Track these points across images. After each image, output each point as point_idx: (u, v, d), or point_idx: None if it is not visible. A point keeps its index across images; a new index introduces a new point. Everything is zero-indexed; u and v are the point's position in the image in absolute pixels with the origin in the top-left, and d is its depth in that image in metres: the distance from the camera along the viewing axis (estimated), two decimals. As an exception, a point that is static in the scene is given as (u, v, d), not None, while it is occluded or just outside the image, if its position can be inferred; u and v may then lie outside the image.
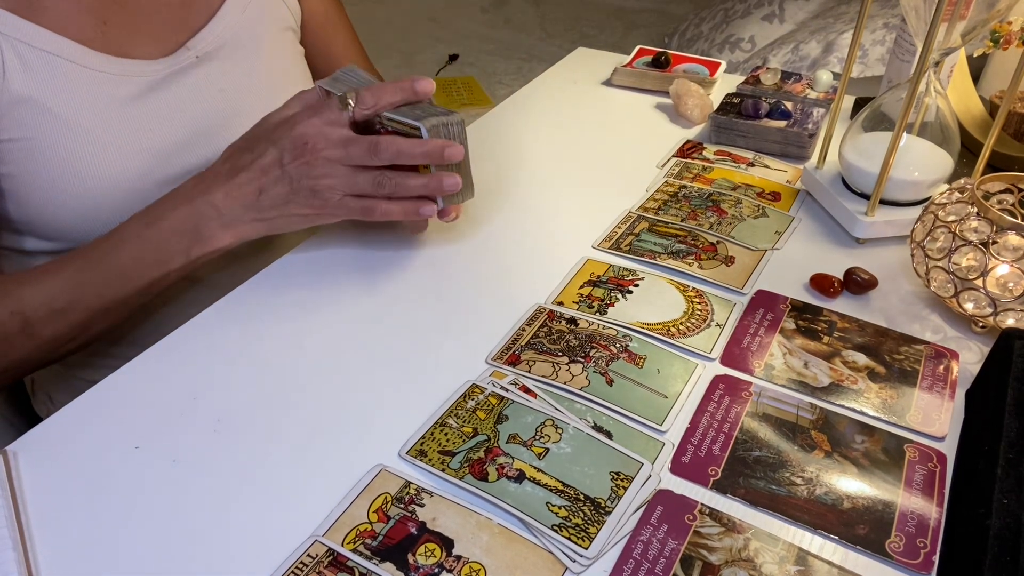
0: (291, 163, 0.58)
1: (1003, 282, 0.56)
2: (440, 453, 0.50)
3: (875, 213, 0.69)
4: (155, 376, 0.56)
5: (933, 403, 0.54)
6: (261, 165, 0.59)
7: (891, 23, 1.85)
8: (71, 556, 0.44)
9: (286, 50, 0.79)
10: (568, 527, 0.45)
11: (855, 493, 0.48)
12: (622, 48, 1.12)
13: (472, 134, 0.91)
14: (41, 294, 0.60)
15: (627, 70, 1.02)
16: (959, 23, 0.63)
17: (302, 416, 0.53)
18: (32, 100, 0.61)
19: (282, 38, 0.79)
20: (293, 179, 0.58)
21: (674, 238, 0.71)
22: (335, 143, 0.57)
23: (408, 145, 0.58)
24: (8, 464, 0.49)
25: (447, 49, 2.97)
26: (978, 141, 0.82)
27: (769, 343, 0.59)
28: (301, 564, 0.43)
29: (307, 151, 0.57)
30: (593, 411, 0.53)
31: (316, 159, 0.57)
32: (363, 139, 0.58)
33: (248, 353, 0.58)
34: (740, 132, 0.86)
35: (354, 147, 0.57)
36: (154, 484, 0.48)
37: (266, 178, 0.59)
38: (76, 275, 0.60)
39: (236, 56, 0.73)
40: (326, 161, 0.57)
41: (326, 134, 0.57)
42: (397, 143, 0.57)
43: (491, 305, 0.63)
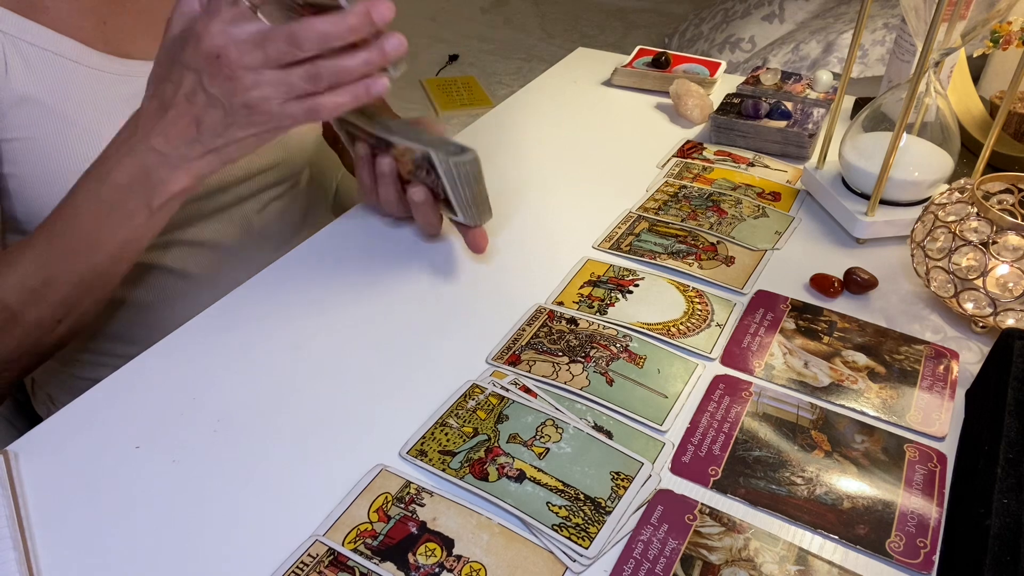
0: (212, 83, 0.51)
1: (1003, 282, 0.56)
2: (440, 453, 0.50)
3: (875, 213, 0.69)
4: (155, 376, 0.56)
5: (933, 403, 0.54)
6: (184, 93, 0.52)
7: (891, 23, 1.85)
8: (71, 556, 0.44)
9: None
10: (568, 527, 0.45)
11: (855, 493, 0.48)
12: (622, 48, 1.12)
13: (472, 134, 0.91)
14: (13, 277, 0.58)
15: (627, 70, 1.02)
16: (959, 23, 0.63)
17: (302, 416, 0.53)
18: (34, 99, 0.61)
19: None
20: (223, 101, 0.51)
21: (674, 238, 0.71)
22: (248, 45, 0.49)
23: (330, 23, 0.49)
24: (8, 464, 0.49)
25: (447, 49, 2.97)
26: (978, 141, 0.82)
27: (769, 343, 0.59)
28: (301, 564, 0.43)
29: (223, 64, 0.50)
30: (593, 411, 0.53)
31: (235, 71, 0.50)
32: (278, 30, 0.49)
33: (248, 353, 0.58)
34: (740, 132, 0.86)
35: (271, 43, 0.49)
36: (154, 484, 0.48)
37: (195, 107, 0.52)
38: (43, 251, 0.58)
39: None
40: (247, 70, 0.50)
41: (234, 37, 0.49)
42: (316, 25, 0.49)
43: (491, 305, 0.63)
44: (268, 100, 0.51)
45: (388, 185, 0.65)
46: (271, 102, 0.51)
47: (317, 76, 0.50)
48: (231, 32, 0.49)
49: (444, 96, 2.61)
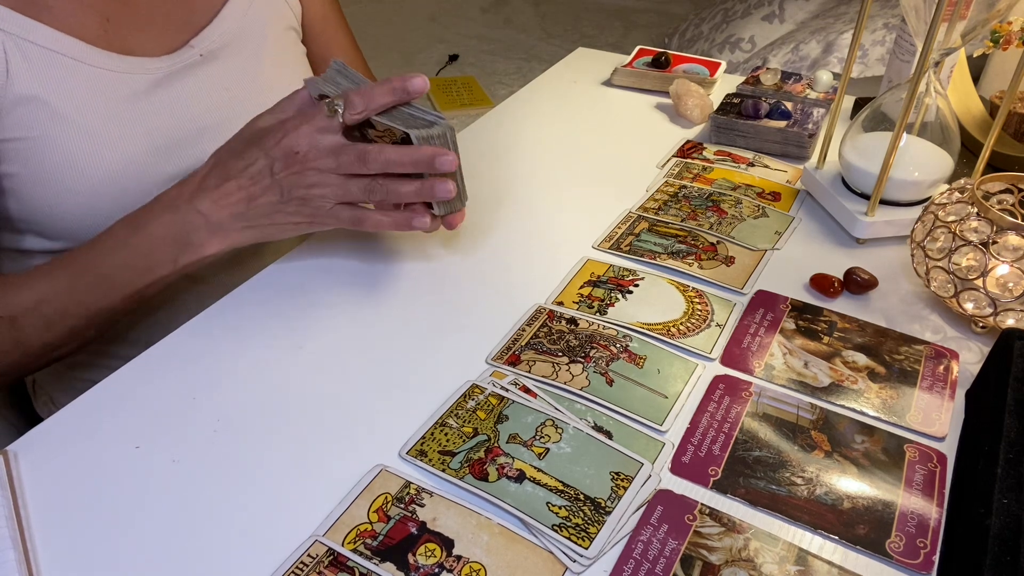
0: (281, 172, 0.57)
1: (1003, 282, 0.56)
2: (440, 453, 0.50)
3: (875, 213, 0.69)
4: (155, 376, 0.56)
5: (933, 403, 0.54)
6: (251, 174, 0.58)
7: (891, 23, 1.85)
8: (71, 556, 0.44)
9: (289, 49, 0.79)
10: (568, 527, 0.45)
11: (855, 493, 0.48)
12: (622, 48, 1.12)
13: (472, 134, 0.91)
14: (28, 301, 0.60)
15: (627, 70, 1.02)
16: (959, 23, 0.63)
17: (302, 416, 0.53)
18: (36, 98, 0.61)
19: (285, 37, 0.79)
20: (283, 188, 0.57)
21: (674, 238, 0.71)
22: (326, 152, 0.56)
23: (398, 154, 0.56)
24: (8, 464, 0.49)
25: (447, 49, 2.97)
26: (978, 141, 0.82)
27: (769, 343, 0.59)
28: (301, 564, 0.43)
29: (297, 161, 0.56)
30: (593, 411, 0.53)
31: (307, 169, 0.57)
32: (353, 147, 0.57)
33: (248, 353, 0.58)
34: (740, 132, 0.86)
35: (344, 156, 0.56)
36: (154, 484, 0.48)
37: (256, 187, 0.58)
38: (64, 283, 0.60)
39: (240, 55, 0.73)
40: (317, 171, 0.57)
41: (316, 143, 0.56)
42: (386, 152, 0.56)
43: (491, 305, 0.63)
44: (324, 198, 0.58)
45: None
46: (326, 200, 0.58)
47: (372, 190, 0.57)
48: (316, 138, 0.56)
49: (444, 96, 2.61)
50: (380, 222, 0.59)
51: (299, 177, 0.57)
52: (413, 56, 2.93)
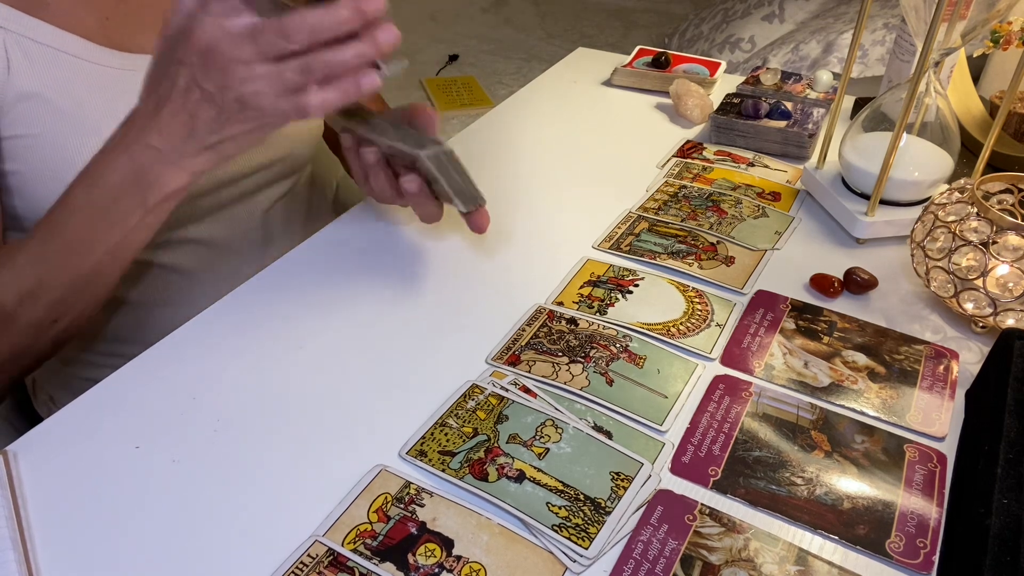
0: (205, 79, 0.50)
1: (1003, 282, 0.56)
2: (440, 453, 0.50)
3: (875, 213, 0.69)
4: (155, 376, 0.56)
5: (933, 403, 0.54)
6: (179, 90, 0.52)
7: (891, 23, 1.85)
8: (71, 556, 0.44)
9: None
10: (568, 527, 0.45)
11: (855, 493, 0.48)
12: (622, 48, 1.12)
13: (472, 134, 0.91)
14: (6, 276, 0.58)
15: (627, 70, 1.02)
16: (959, 23, 0.63)
17: (302, 416, 0.53)
18: (36, 95, 0.61)
19: None
20: (215, 96, 0.51)
21: (674, 238, 0.71)
22: (240, 38, 0.49)
23: (320, 15, 0.48)
24: (8, 464, 0.49)
25: (447, 49, 2.97)
26: (978, 141, 0.82)
27: (769, 343, 0.59)
28: (301, 564, 0.43)
29: (215, 58, 0.49)
30: (593, 411, 0.53)
31: (227, 64, 0.49)
32: (269, 23, 0.49)
33: (248, 353, 0.58)
34: (740, 132, 0.86)
35: (262, 37, 0.48)
36: (154, 484, 0.48)
37: (190, 103, 0.52)
38: (37, 251, 0.58)
39: None
40: (238, 63, 0.49)
41: (226, 29, 0.49)
42: (306, 17, 0.48)
43: (491, 305, 0.63)
44: (260, 94, 0.50)
45: (378, 175, 0.64)
46: (263, 96, 0.50)
47: (308, 69, 0.49)
48: (223, 25, 0.49)
49: (444, 96, 2.61)
50: (326, 100, 0.51)
51: (224, 76, 0.50)
52: (413, 56, 2.93)
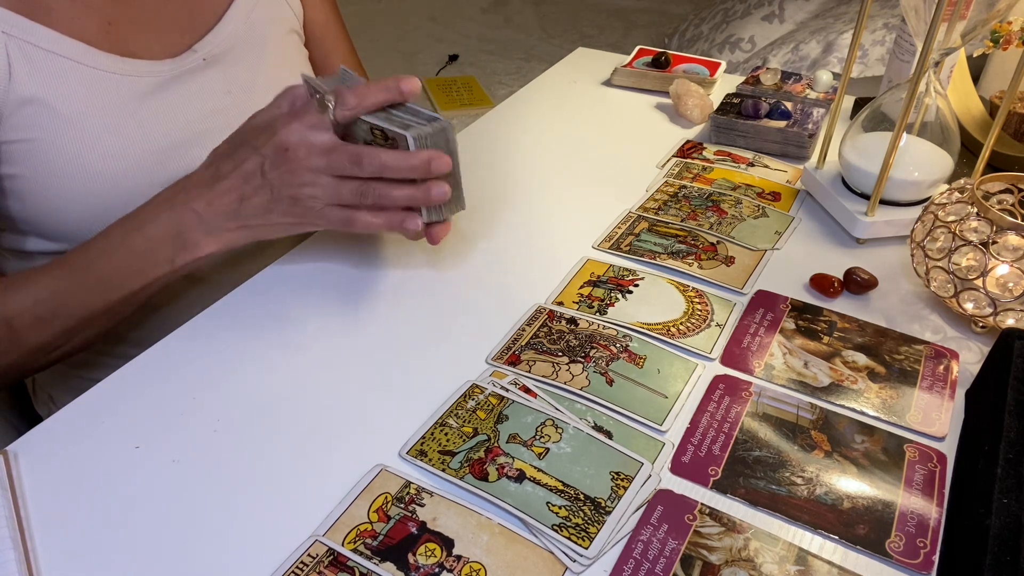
0: (272, 171, 0.56)
1: (1003, 282, 0.56)
2: (440, 453, 0.50)
3: (875, 213, 0.69)
4: (155, 376, 0.56)
5: (933, 403, 0.54)
6: (242, 173, 0.57)
7: (891, 23, 1.85)
8: (71, 556, 0.44)
9: (291, 52, 0.79)
10: (568, 527, 0.45)
11: (855, 493, 0.48)
12: (622, 48, 1.12)
13: (472, 134, 0.91)
14: (26, 301, 0.60)
15: (627, 70, 1.02)
16: (959, 23, 0.63)
17: (302, 416, 0.53)
18: (38, 100, 0.61)
19: (287, 40, 0.79)
20: (274, 187, 0.56)
21: (674, 238, 0.71)
22: (317, 151, 0.55)
23: (393, 158, 0.55)
24: (8, 464, 0.49)
25: (447, 49, 2.97)
26: (978, 141, 0.82)
27: (769, 343, 0.59)
28: (301, 564, 0.43)
29: (288, 159, 0.55)
30: (593, 411, 0.53)
31: (297, 168, 0.55)
32: (346, 148, 0.55)
33: (248, 353, 0.58)
34: (740, 132, 0.86)
35: (336, 156, 0.55)
36: (154, 484, 0.48)
37: (247, 186, 0.57)
38: (60, 283, 0.60)
39: (242, 59, 0.73)
40: (307, 170, 0.55)
41: (307, 141, 0.55)
42: (381, 156, 0.55)
43: (491, 305, 0.63)
44: (314, 199, 0.56)
45: None
46: (316, 200, 0.56)
47: (364, 194, 0.56)
48: (308, 135, 0.55)
49: (444, 96, 2.61)
50: (370, 223, 0.58)
51: (290, 176, 0.56)
52: (413, 56, 2.93)
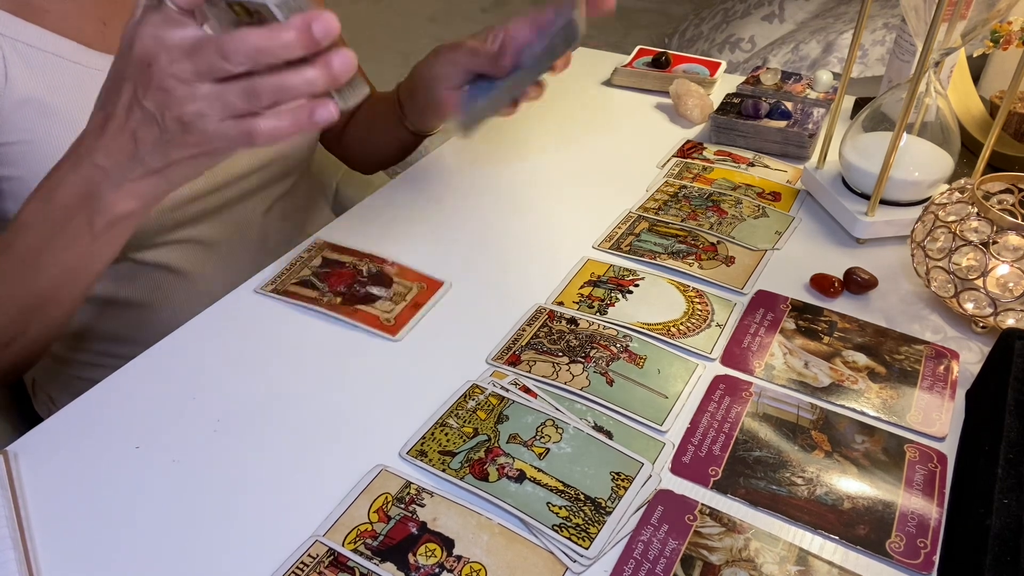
0: (145, 95, 0.46)
1: (1003, 282, 0.56)
2: (440, 453, 0.50)
3: (875, 213, 0.69)
4: (155, 376, 0.56)
5: (933, 403, 0.54)
6: (122, 106, 0.47)
7: (891, 23, 1.85)
8: (71, 556, 0.44)
9: None
10: (568, 527, 0.45)
11: (855, 493, 0.48)
12: (622, 48, 1.12)
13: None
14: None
15: (627, 70, 1.02)
16: (959, 23, 0.63)
17: (302, 416, 0.53)
18: (35, 101, 0.61)
19: None
20: (157, 116, 0.46)
21: (674, 238, 0.71)
22: (177, 53, 0.44)
23: (263, 37, 0.42)
24: (8, 464, 0.49)
25: (447, 49, 2.97)
26: (978, 141, 0.82)
27: (769, 343, 0.59)
28: (302, 564, 0.43)
29: (154, 74, 0.44)
30: (593, 411, 0.53)
31: (165, 81, 0.44)
32: (209, 39, 0.44)
33: (248, 353, 0.58)
34: (740, 132, 0.86)
35: (201, 53, 0.43)
36: (154, 484, 0.48)
37: (132, 121, 0.47)
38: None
39: None
40: (177, 81, 0.44)
41: (163, 41, 0.44)
42: (248, 37, 0.42)
43: (491, 305, 0.63)
44: (203, 117, 0.45)
45: None
46: (206, 119, 0.45)
47: (254, 93, 0.44)
48: (162, 37, 0.44)
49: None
50: (276, 128, 0.46)
51: (164, 94, 0.45)
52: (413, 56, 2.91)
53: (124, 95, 0.47)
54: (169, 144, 0.47)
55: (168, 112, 0.45)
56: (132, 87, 0.46)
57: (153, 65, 0.45)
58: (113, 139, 0.49)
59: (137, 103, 0.47)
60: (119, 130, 0.48)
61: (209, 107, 0.45)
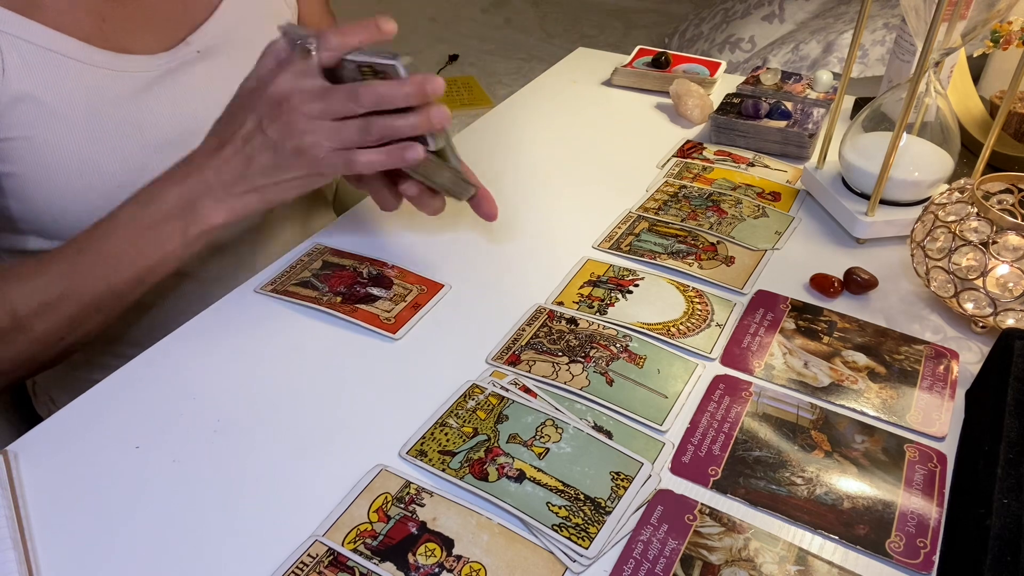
0: (270, 127, 0.55)
1: (1003, 282, 0.56)
2: (440, 453, 0.50)
3: (875, 213, 0.69)
4: (155, 376, 0.56)
5: (933, 403, 0.54)
6: (243, 135, 0.56)
7: (891, 23, 1.85)
8: (71, 556, 0.44)
9: None
10: (568, 527, 0.45)
11: (855, 493, 0.48)
12: (622, 48, 1.12)
13: (472, 134, 0.91)
14: (30, 286, 0.59)
15: (627, 70, 1.02)
16: (959, 23, 0.63)
17: (302, 416, 0.53)
18: (32, 98, 0.61)
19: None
20: (276, 142, 0.55)
21: (674, 238, 0.71)
22: (311, 96, 0.54)
23: (388, 87, 0.54)
24: (8, 464, 0.49)
25: (447, 49, 2.97)
26: (978, 141, 0.82)
27: (769, 343, 0.59)
28: (301, 564, 0.43)
29: (284, 111, 0.54)
30: (593, 411, 0.53)
31: (295, 117, 0.54)
32: (341, 87, 0.54)
33: (248, 353, 0.58)
34: (740, 132, 0.86)
35: (332, 97, 0.54)
36: (154, 484, 0.48)
37: (250, 146, 0.56)
38: (67, 265, 0.59)
39: (237, 51, 0.73)
40: (305, 117, 0.54)
41: (300, 87, 0.54)
42: (377, 88, 0.54)
43: (491, 305, 0.63)
44: (317, 146, 0.55)
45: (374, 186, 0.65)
46: (320, 148, 0.55)
47: (367, 130, 0.54)
48: (299, 83, 0.54)
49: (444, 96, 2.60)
50: (372, 160, 0.56)
51: (289, 127, 0.55)
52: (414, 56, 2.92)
53: (247, 124, 0.56)
54: (279, 168, 0.56)
55: (289, 141, 0.55)
56: (257, 117, 0.56)
57: (285, 102, 0.54)
58: (227, 160, 0.57)
59: (260, 131, 0.56)
60: (235, 152, 0.57)
61: (325, 138, 0.55)
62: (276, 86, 0.55)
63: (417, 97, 0.54)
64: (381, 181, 0.64)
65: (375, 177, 0.63)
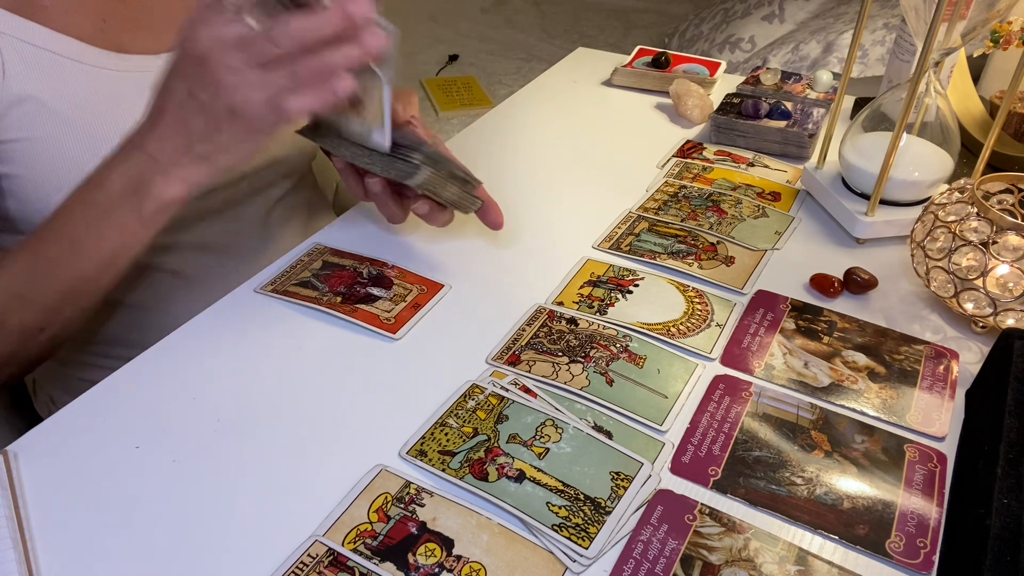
0: (199, 88, 0.51)
1: (1003, 282, 0.56)
2: (440, 453, 0.50)
3: (875, 213, 0.69)
4: (155, 376, 0.56)
5: (933, 403, 0.54)
6: (175, 100, 0.52)
7: (891, 23, 1.85)
8: (71, 556, 0.44)
9: None
10: (568, 527, 0.45)
11: (855, 493, 0.48)
12: (622, 48, 1.12)
13: (472, 134, 0.91)
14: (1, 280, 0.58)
15: (627, 70, 1.02)
16: (959, 23, 0.63)
17: (302, 416, 0.53)
18: (33, 99, 0.61)
19: None
20: (206, 104, 0.51)
21: (674, 238, 0.71)
22: (230, 47, 0.49)
23: (306, 20, 0.48)
24: (8, 464, 0.49)
25: (447, 49, 2.97)
26: (978, 141, 0.82)
27: (769, 343, 0.59)
28: (301, 564, 0.43)
29: (208, 69, 0.50)
30: (593, 411, 0.53)
31: (219, 74, 0.50)
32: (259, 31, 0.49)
33: (248, 353, 0.58)
34: (740, 132, 0.86)
35: (250, 43, 0.49)
36: (154, 484, 0.48)
37: (183, 112, 0.52)
38: (31, 255, 0.58)
39: None
40: (228, 71, 0.49)
41: (218, 38, 0.49)
42: (292, 22, 0.48)
43: (491, 305, 0.63)
44: (250, 102, 0.50)
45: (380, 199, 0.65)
46: (253, 104, 0.50)
47: (297, 74, 0.49)
48: (216, 33, 0.50)
49: (444, 96, 2.61)
50: (303, 104, 0.51)
51: (216, 87, 0.50)
52: (413, 56, 2.93)
53: (178, 90, 0.52)
54: (218, 130, 0.52)
55: (219, 101, 0.51)
56: (186, 82, 0.52)
57: (207, 60, 0.50)
58: (165, 129, 0.54)
59: (190, 96, 0.52)
60: (172, 121, 0.53)
61: (256, 92, 0.50)
62: (195, 43, 0.50)
63: (342, 23, 0.49)
64: (387, 194, 0.63)
65: (381, 191, 0.63)
